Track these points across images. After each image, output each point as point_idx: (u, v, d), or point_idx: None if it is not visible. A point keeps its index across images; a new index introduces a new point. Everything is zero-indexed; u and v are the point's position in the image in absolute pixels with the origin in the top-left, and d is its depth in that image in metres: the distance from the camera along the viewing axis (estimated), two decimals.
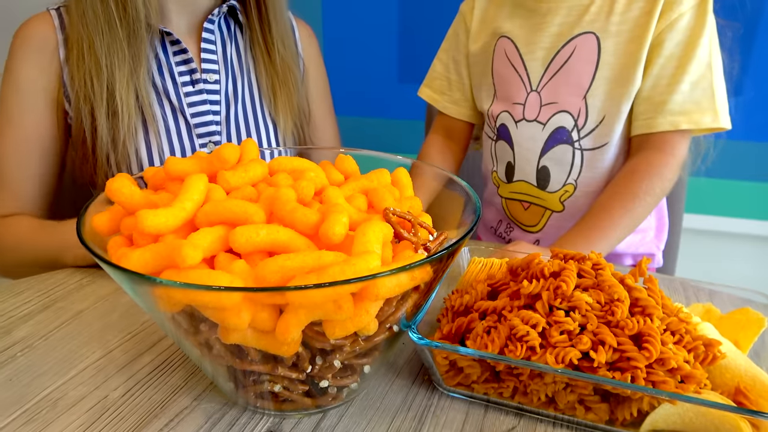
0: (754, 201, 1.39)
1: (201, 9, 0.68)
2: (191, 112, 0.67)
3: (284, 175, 0.37)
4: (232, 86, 0.70)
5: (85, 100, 0.62)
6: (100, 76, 0.61)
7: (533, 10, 0.63)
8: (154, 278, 0.28)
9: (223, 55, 0.70)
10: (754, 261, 1.45)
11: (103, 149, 0.63)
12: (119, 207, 0.35)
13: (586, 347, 0.34)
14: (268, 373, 0.35)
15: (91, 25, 0.60)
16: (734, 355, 0.37)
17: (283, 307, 0.30)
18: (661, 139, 0.60)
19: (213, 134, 0.68)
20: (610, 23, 0.59)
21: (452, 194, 0.42)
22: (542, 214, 0.69)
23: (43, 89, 0.64)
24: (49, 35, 0.64)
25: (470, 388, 0.39)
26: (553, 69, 0.62)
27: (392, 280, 0.30)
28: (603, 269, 0.38)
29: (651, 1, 0.57)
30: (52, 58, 0.64)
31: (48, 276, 0.57)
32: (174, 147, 0.66)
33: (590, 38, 0.60)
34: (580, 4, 0.60)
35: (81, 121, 0.63)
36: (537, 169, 0.66)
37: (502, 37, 0.65)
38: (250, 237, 0.31)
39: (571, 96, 0.61)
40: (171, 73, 0.66)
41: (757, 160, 1.36)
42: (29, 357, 0.44)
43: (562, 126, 0.62)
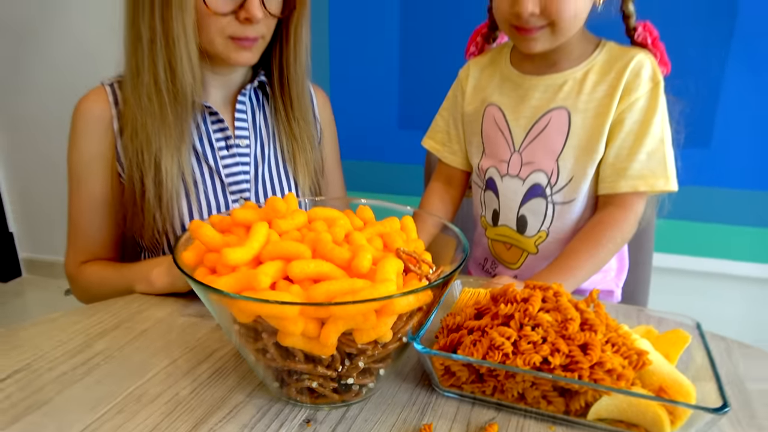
0: (722, 242, 1.52)
1: (235, 84, 0.82)
2: (225, 172, 0.80)
3: (321, 222, 0.50)
4: (260, 149, 0.83)
5: (135, 168, 0.74)
6: (150, 150, 0.73)
7: (518, 85, 0.76)
8: (242, 296, 0.40)
9: (252, 122, 0.83)
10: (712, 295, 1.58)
11: (150, 210, 0.75)
12: (200, 245, 0.47)
13: (545, 354, 0.46)
14: (308, 373, 0.46)
15: (145, 109, 0.72)
16: (660, 363, 0.49)
17: (325, 319, 0.42)
18: (622, 199, 0.72)
19: (243, 191, 0.81)
20: (579, 101, 0.72)
21: (447, 237, 0.55)
22: (521, 255, 0.81)
23: (102, 156, 0.77)
24: (105, 110, 0.76)
25: (460, 388, 0.50)
26: (532, 135, 0.75)
27: (403, 300, 0.42)
28: (561, 296, 0.50)
29: (613, 86, 0.70)
30: (108, 130, 0.76)
31: (113, 302, 0.68)
32: (210, 202, 0.79)
33: (563, 112, 0.73)
34: (555, 83, 0.73)
35: (132, 185, 0.75)
36: (517, 217, 0.78)
37: (491, 105, 0.78)
38: (302, 269, 0.43)
39: (545, 158, 0.74)
40: (209, 139, 0.79)
41: (726, 204, 1.49)
42: (110, 364, 0.55)
43: (538, 183, 0.75)
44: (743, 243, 1.50)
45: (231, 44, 0.73)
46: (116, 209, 0.79)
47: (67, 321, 0.63)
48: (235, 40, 0.72)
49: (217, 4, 0.70)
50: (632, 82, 0.69)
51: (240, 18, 0.71)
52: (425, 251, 0.54)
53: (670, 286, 1.56)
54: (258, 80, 0.82)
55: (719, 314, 1.56)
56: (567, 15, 0.65)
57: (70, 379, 0.53)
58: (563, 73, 0.72)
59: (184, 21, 0.68)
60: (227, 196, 0.80)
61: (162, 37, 0.69)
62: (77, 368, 0.54)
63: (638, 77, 0.69)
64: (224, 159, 0.80)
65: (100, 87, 0.78)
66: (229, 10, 0.70)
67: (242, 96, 0.82)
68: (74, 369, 0.54)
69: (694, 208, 1.52)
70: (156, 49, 0.70)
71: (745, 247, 1.51)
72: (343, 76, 1.61)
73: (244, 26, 0.71)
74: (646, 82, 0.69)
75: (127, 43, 0.73)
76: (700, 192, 1.51)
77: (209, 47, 0.73)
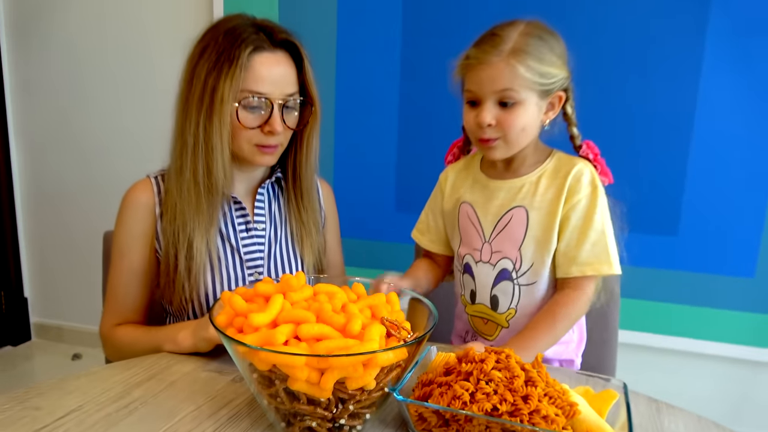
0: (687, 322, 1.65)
1: (257, 179, 0.99)
2: (244, 251, 0.96)
3: (323, 295, 0.64)
4: (274, 232, 0.99)
5: (171, 245, 0.90)
6: (185, 231, 0.89)
7: (485, 187, 0.92)
8: (265, 348, 0.54)
9: (268, 210, 1.00)
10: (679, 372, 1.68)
11: (180, 280, 0.90)
12: (230, 311, 0.61)
13: (495, 402, 0.59)
14: (310, 414, 0.59)
15: (184, 199, 0.89)
16: (589, 413, 0.62)
17: (324, 369, 0.56)
18: (575, 282, 0.86)
19: (258, 267, 0.96)
20: (534, 201, 0.87)
21: (422, 308, 0.69)
22: (496, 328, 0.93)
23: (144, 235, 0.92)
24: (150, 198, 0.93)
25: (430, 431, 0.62)
26: (498, 228, 0.89)
27: (384, 355, 0.56)
28: (510, 358, 0.64)
29: (559, 189, 0.86)
30: (150, 214, 0.92)
31: (145, 358, 0.81)
32: (230, 275, 0.94)
33: (522, 210, 0.88)
34: (515, 186, 0.89)
35: (167, 260, 0.91)
36: (490, 296, 0.91)
37: (464, 203, 0.94)
38: (308, 331, 0.57)
39: (510, 248, 0.88)
40: (233, 223, 0.95)
41: (690, 287, 1.63)
42: (146, 408, 0.68)
43: (505, 268, 0.89)
44: (712, 324, 1.63)
45: (256, 150, 0.90)
46: (150, 280, 0.94)
47: (108, 373, 0.76)
48: (260, 147, 0.90)
49: (248, 121, 0.88)
50: (574, 187, 0.85)
51: (264, 131, 0.89)
52: (405, 320, 0.68)
53: (644, 362, 1.68)
54: (275, 176, 1.00)
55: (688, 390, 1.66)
56: (515, 129, 0.81)
57: (115, 418, 0.65)
58: (521, 178, 0.89)
59: (222, 132, 0.86)
60: (244, 270, 0.95)
61: (203, 144, 0.87)
62: (120, 410, 0.67)
63: (579, 182, 0.85)
64: (243, 240, 0.96)
65: (147, 179, 0.95)
66: (257, 125, 0.89)
67: (262, 189, 0.99)
68: (117, 411, 0.67)
69: (662, 289, 1.65)
70: (198, 153, 0.87)
71: (714, 328, 1.63)
72: (346, 165, 1.80)
73: (267, 137, 0.89)
74: (585, 186, 0.85)
75: (175, 146, 0.90)
76: (669, 275, 1.65)
77: (239, 152, 0.91)
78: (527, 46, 0.79)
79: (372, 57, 1.73)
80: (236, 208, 0.96)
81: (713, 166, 1.55)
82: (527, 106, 0.81)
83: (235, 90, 0.85)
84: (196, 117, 0.87)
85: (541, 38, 0.80)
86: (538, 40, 0.80)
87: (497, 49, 0.79)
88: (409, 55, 1.70)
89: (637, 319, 1.66)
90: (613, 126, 1.60)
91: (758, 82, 1.49)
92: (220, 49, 0.85)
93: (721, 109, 1.52)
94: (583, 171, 0.85)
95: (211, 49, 0.86)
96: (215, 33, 0.87)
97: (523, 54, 0.78)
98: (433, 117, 1.71)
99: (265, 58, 0.87)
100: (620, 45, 1.55)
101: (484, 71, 0.80)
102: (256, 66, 0.86)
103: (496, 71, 0.79)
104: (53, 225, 2.26)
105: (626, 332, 1.66)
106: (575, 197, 0.84)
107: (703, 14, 1.49)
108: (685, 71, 1.53)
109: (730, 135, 1.53)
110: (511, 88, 0.79)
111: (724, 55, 1.50)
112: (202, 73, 0.86)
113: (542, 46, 0.80)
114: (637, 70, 1.55)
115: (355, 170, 1.80)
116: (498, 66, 0.79)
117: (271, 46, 0.88)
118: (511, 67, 0.78)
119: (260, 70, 0.87)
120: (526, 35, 0.80)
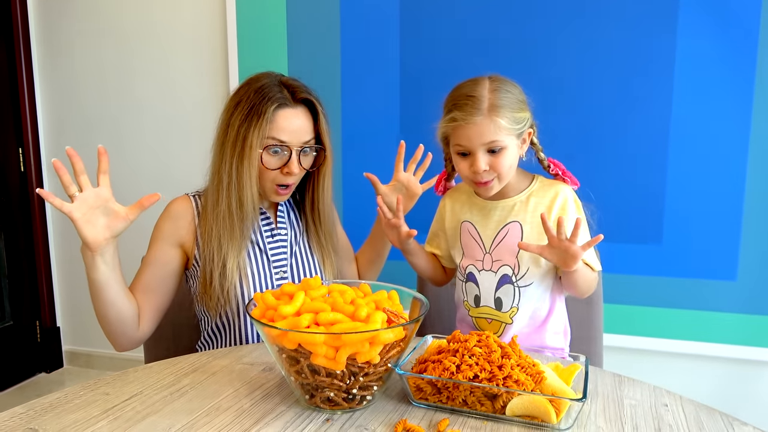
0: (674, 324, 1.77)
1: None
2: (271, 253, 1.13)
3: (336, 292, 0.80)
4: (294, 236, 1.17)
5: (208, 263, 1.07)
6: (220, 254, 1.07)
7: (483, 207, 1.06)
8: (292, 330, 0.69)
9: (288, 218, 1.18)
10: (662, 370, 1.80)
11: (215, 289, 1.07)
12: (262, 306, 0.77)
13: (476, 371, 0.74)
14: (328, 385, 0.74)
15: (220, 225, 1.06)
16: (554, 379, 0.76)
17: (338, 346, 0.71)
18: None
19: (283, 266, 1.14)
20: (526, 216, 1.02)
21: (418, 302, 0.84)
22: (500, 326, 1.07)
23: (173, 236, 1.09)
24: (188, 210, 1.11)
25: (426, 400, 0.77)
26: (497, 241, 1.04)
27: (385, 333, 0.71)
28: (489, 338, 0.79)
29: (548, 210, 1.00)
30: (189, 223, 1.10)
31: (189, 356, 0.97)
32: (260, 274, 1.11)
33: (516, 224, 1.02)
34: (508, 205, 1.03)
35: (204, 273, 1.08)
36: (494, 299, 1.05)
37: (465, 221, 1.08)
38: (325, 317, 0.72)
39: (509, 257, 1.02)
40: (260, 231, 1.13)
41: (676, 291, 1.75)
42: (195, 391, 0.83)
43: (505, 273, 1.03)
44: (699, 325, 1.74)
45: (275, 189, 1.10)
46: (162, 272, 1.09)
47: (159, 367, 0.92)
48: (278, 186, 1.10)
49: (270, 163, 1.07)
50: (563, 209, 1.00)
51: (283, 172, 1.08)
52: (403, 312, 0.83)
53: (634, 364, 1.80)
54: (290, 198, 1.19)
55: (676, 389, 1.77)
56: (505, 168, 0.97)
57: (170, 399, 0.80)
58: (513, 198, 1.03)
59: (251, 172, 1.05)
60: (271, 270, 1.12)
61: (236, 181, 1.05)
62: (173, 393, 0.82)
63: (566, 206, 1.00)
64: (270, 243, 1.14)
65: (186, 196, 1.13)
66: (277, 167, 1.08)
67: (281, 205, 1.18)
68: (171, 394, 0.82)
69: (649, 294, 1.77)
70: (231, 188, 1.05)
71: (701, 329, 1.75)
72: (354, 187, 1.97)
73: (285, 177, 1.08)
74: (571, 205, 1.01)
75: (212, 182, 1.09)
76: (656, 281, 1.78)
77: (261, 190, 1.10)
78: (500, 100, 0.93)
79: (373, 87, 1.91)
80: (263, 218, 1.15)
81: (691, 177, 1.69)
82: (510, 148, 0.96)
83: (261, 138, 1.04)
84: (230, 159, 1.05)
85: (508, 91, 0.95)
86: (506, 93, 0.94)
87: (477, 109, 0.93)
88: (408, 89, 1.88)
89: (626, 323, 1.78)
90: (595, 143, 1.75)
91: (731, 88, 1.63)
92: (251, 104, 1.04)
93: (696, 120, 1.66)
94: (567, 195, 1.01)
95: (244, 104, 1.05)
96: (248, 90, 1.06)
97: (499, 109, 0.93)
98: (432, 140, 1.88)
99: (287, 112, 1.06)
100: (596, 58, 1.71)
101: (471, 129, 0.94)
102: (279, 120, 1.05)
103: (482, 127, 0.93)
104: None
105: (616, 336, 1.78)
106: (565, 215, 0.99)
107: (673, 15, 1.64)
108: (659, 84, 1.67)
109: (705, 146, 1.67)
110: (496, 139, 0.93)
111: (696, 64, 1.64)
112: (236, 123, 1.04)
113: (510, 97, 0.95)
114: (613, 84, 1.70)
115: (364, 196, 1.96)
116: (483, 123, 0.93)
117: (292, 102, 1.07)
118: (493, 123, 0.93)
119: (282, 123, 1.05)
120: (495, 91, 0.94)
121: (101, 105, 2.28)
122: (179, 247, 1.11)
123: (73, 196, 0.91)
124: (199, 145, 2.16)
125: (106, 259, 0.95)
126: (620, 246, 1.81)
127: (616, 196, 1.77)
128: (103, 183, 0.94)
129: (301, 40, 1.95)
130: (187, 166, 2.18)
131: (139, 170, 2.25)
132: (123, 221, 0.94)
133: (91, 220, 0.91)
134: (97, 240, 0.92)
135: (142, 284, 1.09)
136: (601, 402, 0.80)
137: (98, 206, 0.92)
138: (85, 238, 0.91)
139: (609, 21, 1.69)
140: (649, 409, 0.78)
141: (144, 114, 2.23)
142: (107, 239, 0.93)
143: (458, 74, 1.84)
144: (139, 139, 2.25)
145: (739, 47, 1.62)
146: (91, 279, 0.97)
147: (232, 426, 0.73)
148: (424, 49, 1.85)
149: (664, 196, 1.74)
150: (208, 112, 2.11)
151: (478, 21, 1.79)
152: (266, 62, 1.97)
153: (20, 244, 2.37)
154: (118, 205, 0.94)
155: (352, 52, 1.91)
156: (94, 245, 0.92)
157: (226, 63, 2.07)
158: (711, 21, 1.63)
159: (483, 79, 0.96)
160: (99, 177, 0.94)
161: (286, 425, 0.73)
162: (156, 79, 2.19)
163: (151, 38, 2.17)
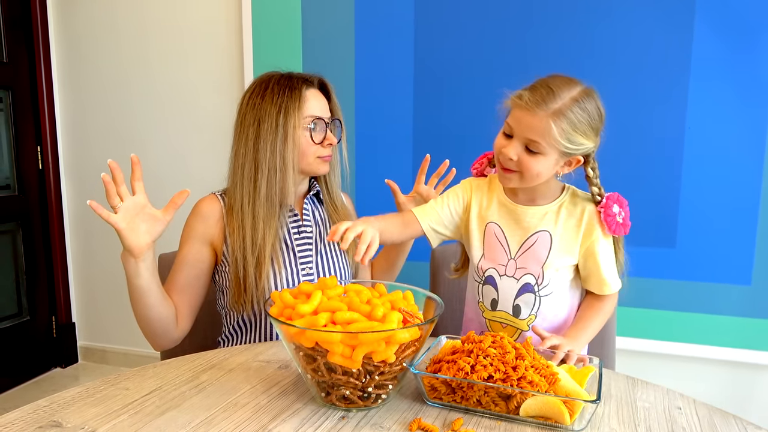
0: (687, 328, 1.76)
1: (301, 192, 1.21)
2: (297, 249, 1.16)
3: (353, 292, 0.81)
4: (317, 232, 1.20)
5: (240, 259, 1.09)
6: (255, 244, 1.09)
7: (512, 211, 1.04)
8: (309, 328, 0.70)
9: (312, 214, 1.21)
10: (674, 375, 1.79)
11: (250, 283, 1.09)
12: (281, 304, 0.78)
13: (491, 371, 0.74)
14: (344, 384, 0.75)
15: (258, 216, 1.09)
16: (567, 381, 0.77)
17: (355, 345, 0.72)
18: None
19: (309, 262, 1.16)
20: (557, 227, 1.00)
21: (432, 303, 0.85)
22: (515, 331, 1.05)
23: (203, 235, 1.12)
24: (217, 208, 1.13)
25: (440, 399, 0.78)
26: (524, 249, 1.02)
27: (400, 333, 0.72)
28: (503, 338, 0.79)
29: (577, 223, 0.98)
30: (218, 221, 1.13)
31: (206, 353, 0.98)
32: (286, 270, 1.13)
33: (546, 234, 1.00)
34: (539, 213, 1.01)
35: (237, 270, 1.10)
36: (513, 306, 1.03)
37: (491, 222, 1.05)
38: (342, 316, 0.73)
39: (534, 265, 1.01)
40: (287, 227, 1.16)
41: (690, 295, 1.75)
42: (213, 387, 0.84)
43: (528, 282, 1.01)
44: (712, 329, 1.74)
45: (320, 161, 1.14)
46: (194, 270, 1.11)
47: (177, 364, 0.93)
48: (322, 158, 1.14)
49: (315, 138, 1.12)
50: (590, 227, 0.99)
51: (324, 144, 1.13)
52: (418, 312, 0.84)
53: (647, 367, 1.79)
54: (315, 190, 1.22)
55: (689, 393, 1.76)
56: (531, 172, 0.94)
57: (188, 395, 0.82)
58: (544, 206, 1.01)
59: (294, 152, 1.10)
60: (297, 265, 1.15)
61: (280, 165, 1.08)
62: (192, 389, 0.84)
63: (593, 224, 0.99)
64: (296, 239, 1.16)
65: (213, 195, 1.16)
66: (320, 140, 1.12)
67: (307, 200, 1.21)
68: (190, 390, 0.84)
69: (663, 298, 1.77)
70: (274, 175, 1.09)
71: (714, 333, 1.74)
72: (365, 184, 1.98)
73: (326, 149, 1.14)
74: (597, 226, 0.99)
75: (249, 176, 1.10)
76: (670, 285, 1.77)
77: (306, 166, 1.14)
78: (570, 112, 0.88)
79: (388, 78, 1.92)
80: (290, 216, 1.17)
81: (706, 181, 1.68)
82: (547, 158, 0.92)
83: (301, 117, 1.10)
84: (272, 146, 1.09)
85: (585, 109, 0.90)
86: (582, 111, 0.89)
87: (545, 103, 0.88)
88: (421, 90, 1.89)
89: (639, 326, 1.78)
90: (610, 147, 1.74)
91: (746, 93, 1.62)
92: (281, 91, 1.10)
93: (711, 125, 1.65)
94: (593, 215, 0.99)
95: (272, 94, 1.09)
96: (268, 84, 1.11)
97: (563, 118, 0.88)
98: (444, 142, 1.89)
99: (313, 92, 1.13)
100: (611, 62, 1.71)
101: (525, 116, 0.90)
102: (310, 97, 1.12)
103: (534, 121, 0.89)
104: (98, 254, 2.47)
105: (629, 339, 1.78)
106: (592, 236, 0.99)
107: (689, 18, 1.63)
108: (675, 89, 1.67)
109: (720, 150, 1.66)
110: (538, 141, 0.89)
111: (711, 68, 1.63)
112: (273, 112, 1.08)
113: (582, 116, 0.89)
114: (628, 87, 1.70)
115: (375, 191, 1.97)
116: (538, 118, 0.88)
117: (312, 84, 1.14)
118: (547, 125, 0.88)
119: (312, 100, 1.12)
120: (574, 101, 0.89)
121: (119, 103, 2.31)
122: (210, 245, 1.13)
123: (116, 207, 0.94)
124: (212, 143, 2.18)
125: (147, 264, 0.98)
126: (634, 249, 1.79)
127: (630, 200, 1.73)
128: (138, 190, 0.96)
129: (315, 39, 1.97)
130: (201, 162, 2.21)
131: (158, 168, 2.28)
132: (161, 224, 0.98)
133: (134, 228, 0.95)
134: (140, 246, 0.95)
135: (177, 284, 1.11)
136: (614, 404, 0.81)
137: (138, 213, 0.95)
138: (130, 245, 0.94)
139: (625, 24, 1.69)
140: (663, 411, 0.79)
141: (161, 112, 2.26)
142: (149, 245, 0.97)
143: (473, 74, 1.85)
144: (155, 137, 2.28)
145: (754, 50, 1.62)
146: (133, 285, 0.99)
147: (250, 422, 0.74)
148: (438, 49, 1.85)
149: (678, 199, 1.73)
150: (223, 112, 2.14)
151: (494, 21, 1.79)
152: (281, 62, 1.99)
153: (37, 242, 2.41)
154: (154, 210, 0.97)
155: (367, 52, 1.92)
156: (137, 252, 0.95)
157: (241, 62, 2.09)
158: (726, 24, 1.62)
159: (576, 84, 0.92)
160: (134, 184, 0.96)
161: (302, 422, 0.74)
162: (173, 77, 2.22)
163: (168, 37, 2.19)
